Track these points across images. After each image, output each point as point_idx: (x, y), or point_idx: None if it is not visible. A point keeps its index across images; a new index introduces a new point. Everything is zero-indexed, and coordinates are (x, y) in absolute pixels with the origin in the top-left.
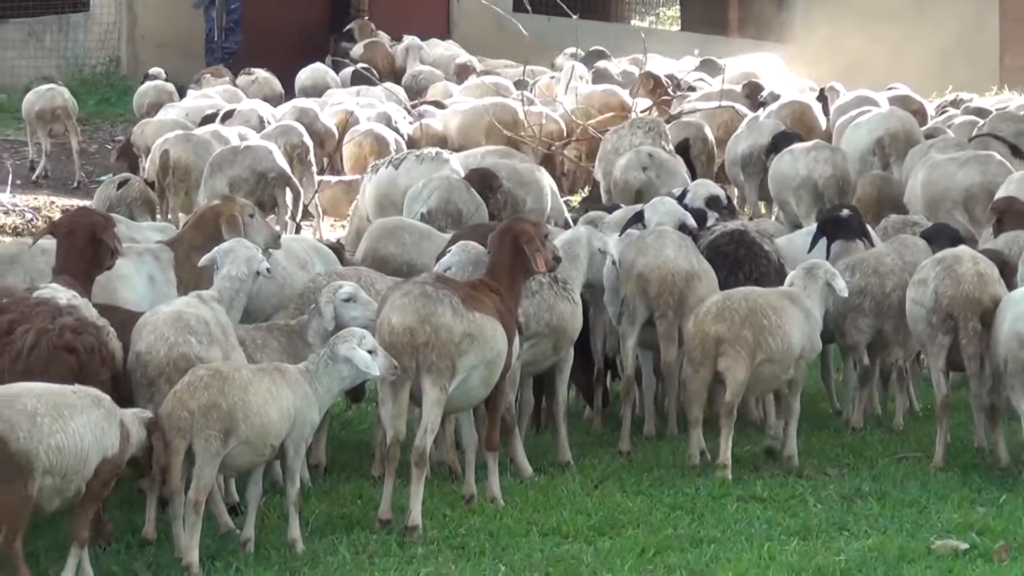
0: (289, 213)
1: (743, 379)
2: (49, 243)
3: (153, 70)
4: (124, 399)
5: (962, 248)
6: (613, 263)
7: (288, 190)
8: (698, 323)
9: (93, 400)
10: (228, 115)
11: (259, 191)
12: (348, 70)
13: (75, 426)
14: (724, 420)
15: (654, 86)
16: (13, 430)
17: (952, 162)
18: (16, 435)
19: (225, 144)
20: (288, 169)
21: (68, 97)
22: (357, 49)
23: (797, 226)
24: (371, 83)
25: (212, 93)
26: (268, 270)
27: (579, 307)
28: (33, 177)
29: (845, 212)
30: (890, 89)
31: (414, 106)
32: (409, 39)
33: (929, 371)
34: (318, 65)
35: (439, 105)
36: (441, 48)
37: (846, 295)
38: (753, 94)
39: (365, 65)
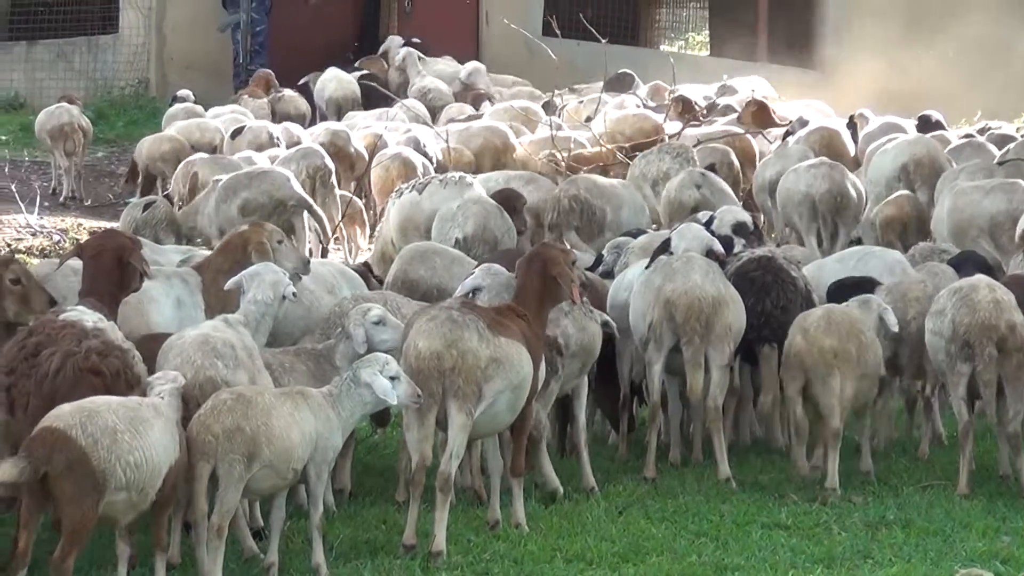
0: (309, 238)
1: (850, 395)
2: (78, 264)
3: (181, 92)
4: None
5: (979, 276)
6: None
7: (308, 216)
8: (810, 339)
9: (156, 409)
10: (238, 132)
11: (275, 217)
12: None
13: (150, 440)
14: (832, 444)
15: (683, 109)
16: (96, 446)
17: (978, 190)
18: (98, 452)
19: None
20: (305, 195)
21: (79, 115)
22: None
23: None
24: (379, 94)
25: (221, 111)
26: (294, 294)
27: (600, 329)
28: (60, 199)
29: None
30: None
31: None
32: (404, 50)
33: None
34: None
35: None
36: (441, 64)
37: (895, 331)
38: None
39: (367, 71)
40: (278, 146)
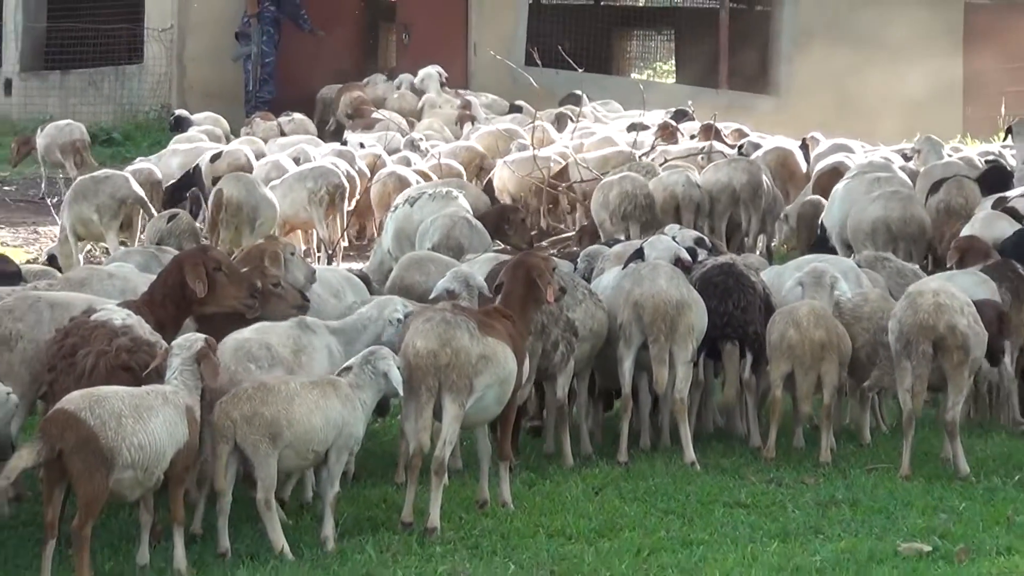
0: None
1: (835, 380)
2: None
3: (179, 112)
4: None
5: (928, 282)
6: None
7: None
8: (803, 331)
9: (164, 398)
10: (216, 156)
11: (121, 214)
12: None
13: (153, 425)
14: (825, 422)
15: (671, 132)
16: (104, 427)
17: (866, 198)
18: (105, 433)
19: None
20: (143, 194)
21: (83, 131)
22: (343, 108)
23: None
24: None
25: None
26: (399, 320)
27: (607, 317)
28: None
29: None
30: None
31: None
32: (428, 70)
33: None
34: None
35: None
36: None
37: (847, 297)
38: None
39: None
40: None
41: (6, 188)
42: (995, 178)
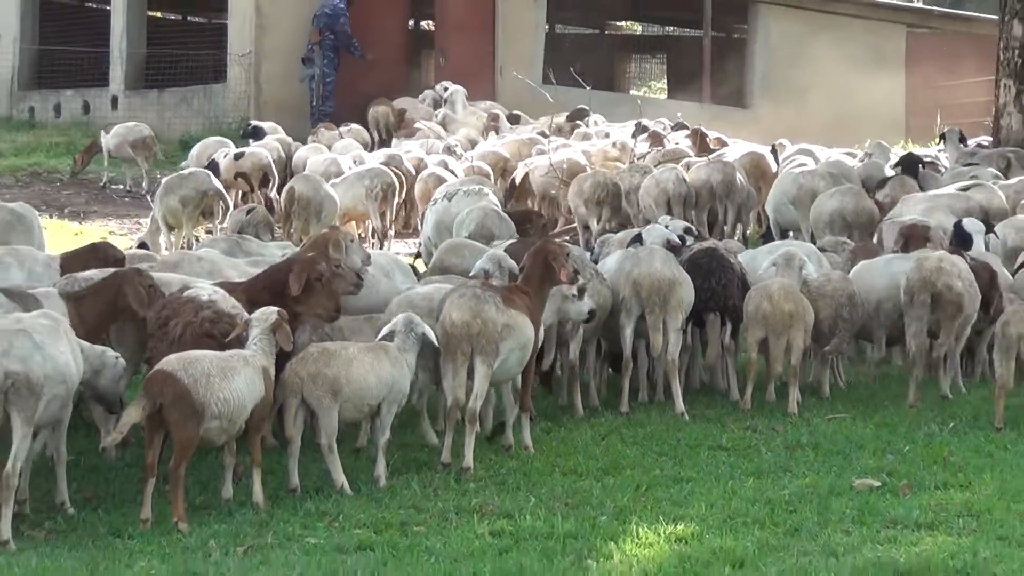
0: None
1: (800, 345)
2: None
3: (254, 123)
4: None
5: (934, 251)
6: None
7: (221, 202)
8: (775, 304)
9: (245, 360)
10: (240, 155)
11: (202, 204)
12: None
13: (236, 383)
14: (793, 380)
15: (660, 139)
16: (196, 385)
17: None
18: (197, 389)
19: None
20: (221, 187)
21: (150, 130)
22: (372, 120)
23: None
24: None
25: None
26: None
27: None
28: (143, 192)
29: None
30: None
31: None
32: (453, 88)
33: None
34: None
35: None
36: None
37: (813, 277)
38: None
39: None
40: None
41: (113, 187)
42: (909, 165)
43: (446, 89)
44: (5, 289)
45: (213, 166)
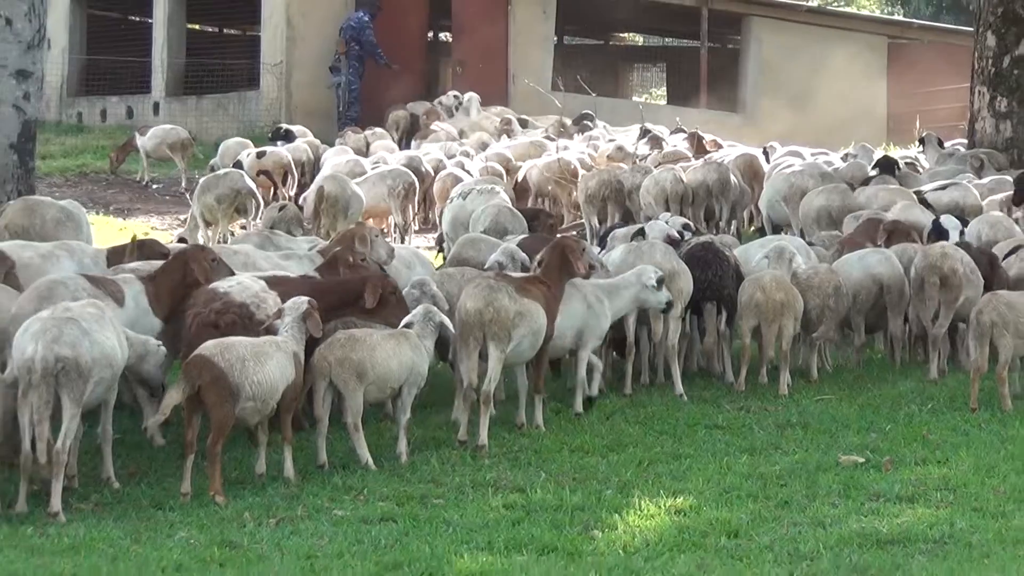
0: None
1: (790, 332)
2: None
3: (283, 127)
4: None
5: (947, 244)
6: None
7: (253, 200)
8: (767, 294)
9: (276, 346)
10: (261, 154)
11: (237, 202)
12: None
13: (268, 367)
14: (783, 364)
15: (698, 142)
16: (231, 368)
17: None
18: (232, 372)
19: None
20: (253, 186)
21: (186, 134)
22: (391, 124)
23: None
24: None
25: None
26: (654, 285)
27: None
28: (182, 190)
29: None
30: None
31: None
32: (469, 95)
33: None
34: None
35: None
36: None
37: (802, 269)
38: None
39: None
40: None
41: (155, 186)
42: (886, 166)
43: (456, 97)
44: (88, 275)
45: (238, 165)
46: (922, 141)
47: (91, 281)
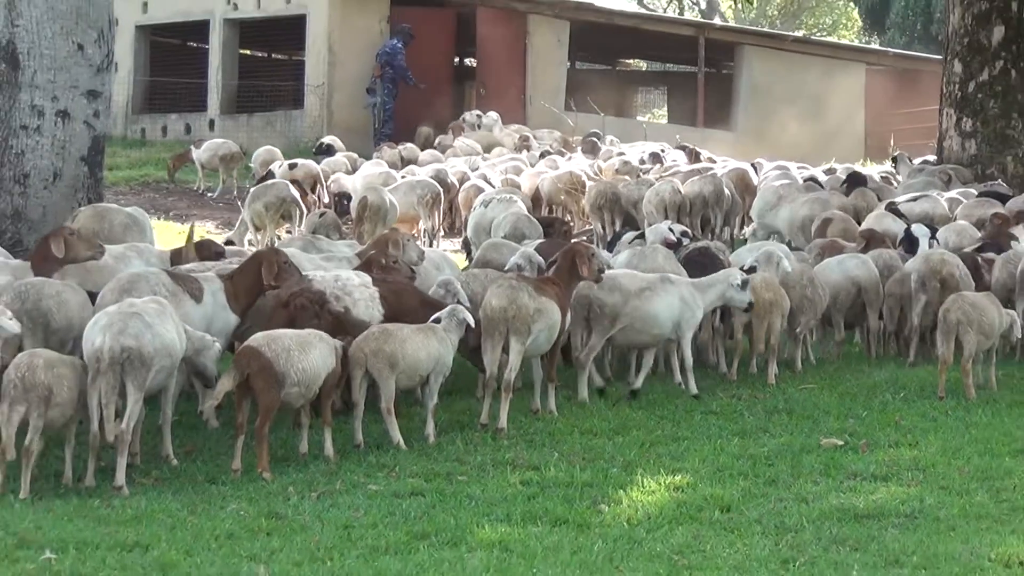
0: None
1: (778, 328)
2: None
3: (327, 140)
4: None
5: (940, 250)
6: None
7: (297, 208)
8: (757, 293)
9: (319, 337)
10: (293, 165)
11: (282, 209)
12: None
13: (311, 356)
14: (771, 356)
15: (695, 157)
16: (277, 358)
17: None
18: (279, 361)
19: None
20: (297, 195)
21: (236, 148)
22: (418, 140)
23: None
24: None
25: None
26: (739, 284)
27: None
28: (232, 196)
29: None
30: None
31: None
32: (490, 115)
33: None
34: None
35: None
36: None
37: (790, 271)
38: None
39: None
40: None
41: (210, 194)
42: (855, 179)
43: (479, 115)
44: (170, 271)
45: (270, 175)
46: (894, 160)
47: (172, 277)
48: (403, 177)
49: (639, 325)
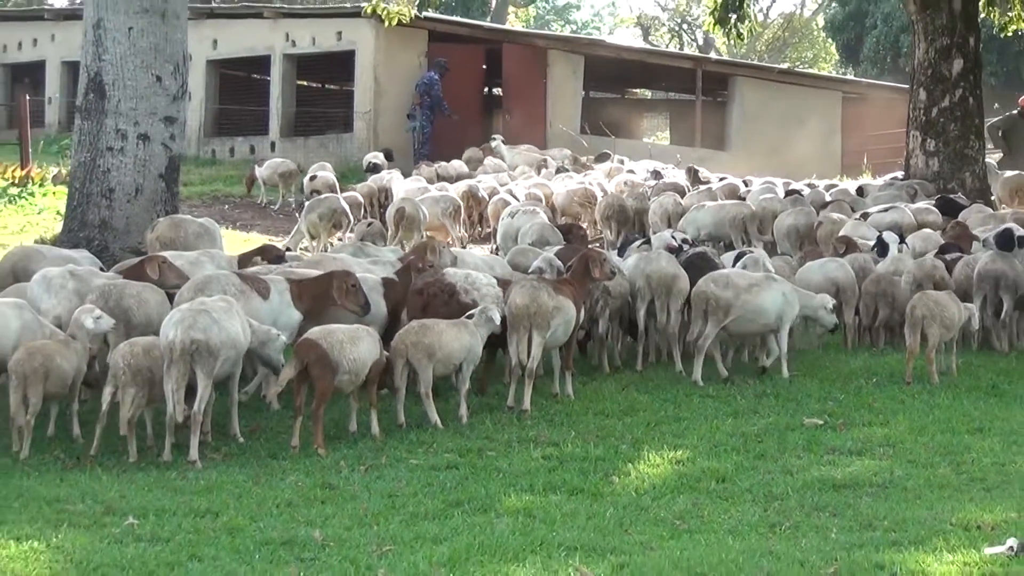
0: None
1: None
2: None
3: (375, 160)
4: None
5: (929, 257)
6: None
7: (346, 218)
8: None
9: (368, 332)
10: (314, 177)
11: (334, 219)
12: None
13: (360, 348)
14: (762, 346)
15: (694, 174)
16: (332, 349)
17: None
18: (333, 351)
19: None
20: (347, 208)
21: (294, 166)
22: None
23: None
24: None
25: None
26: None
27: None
28: (290, 209)
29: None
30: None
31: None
32: (498, 141)
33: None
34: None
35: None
36: (523, 148)
37: (773, 273)
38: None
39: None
40: (334, 184)
41: (271, 208)
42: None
43: (504, 140)
44: (240, 273)
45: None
46: (860, 191)
47: (241, 278)
48: (426, 190)
49: (749, 316)
